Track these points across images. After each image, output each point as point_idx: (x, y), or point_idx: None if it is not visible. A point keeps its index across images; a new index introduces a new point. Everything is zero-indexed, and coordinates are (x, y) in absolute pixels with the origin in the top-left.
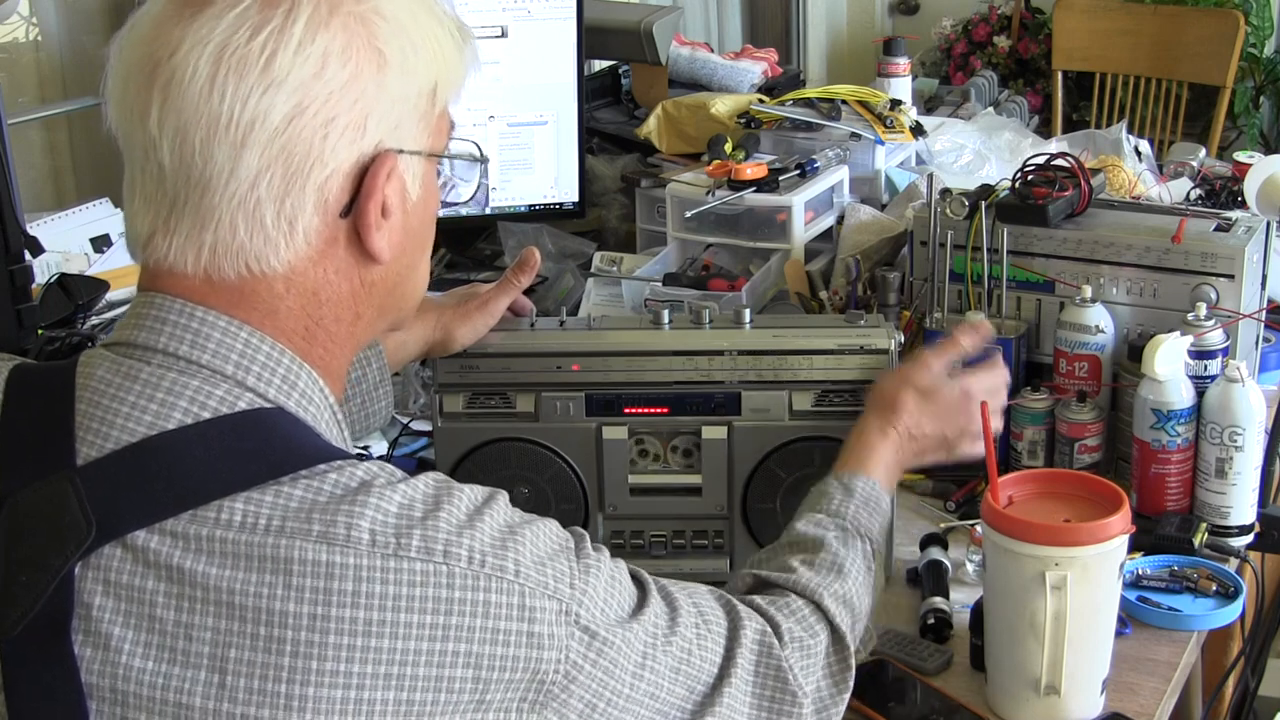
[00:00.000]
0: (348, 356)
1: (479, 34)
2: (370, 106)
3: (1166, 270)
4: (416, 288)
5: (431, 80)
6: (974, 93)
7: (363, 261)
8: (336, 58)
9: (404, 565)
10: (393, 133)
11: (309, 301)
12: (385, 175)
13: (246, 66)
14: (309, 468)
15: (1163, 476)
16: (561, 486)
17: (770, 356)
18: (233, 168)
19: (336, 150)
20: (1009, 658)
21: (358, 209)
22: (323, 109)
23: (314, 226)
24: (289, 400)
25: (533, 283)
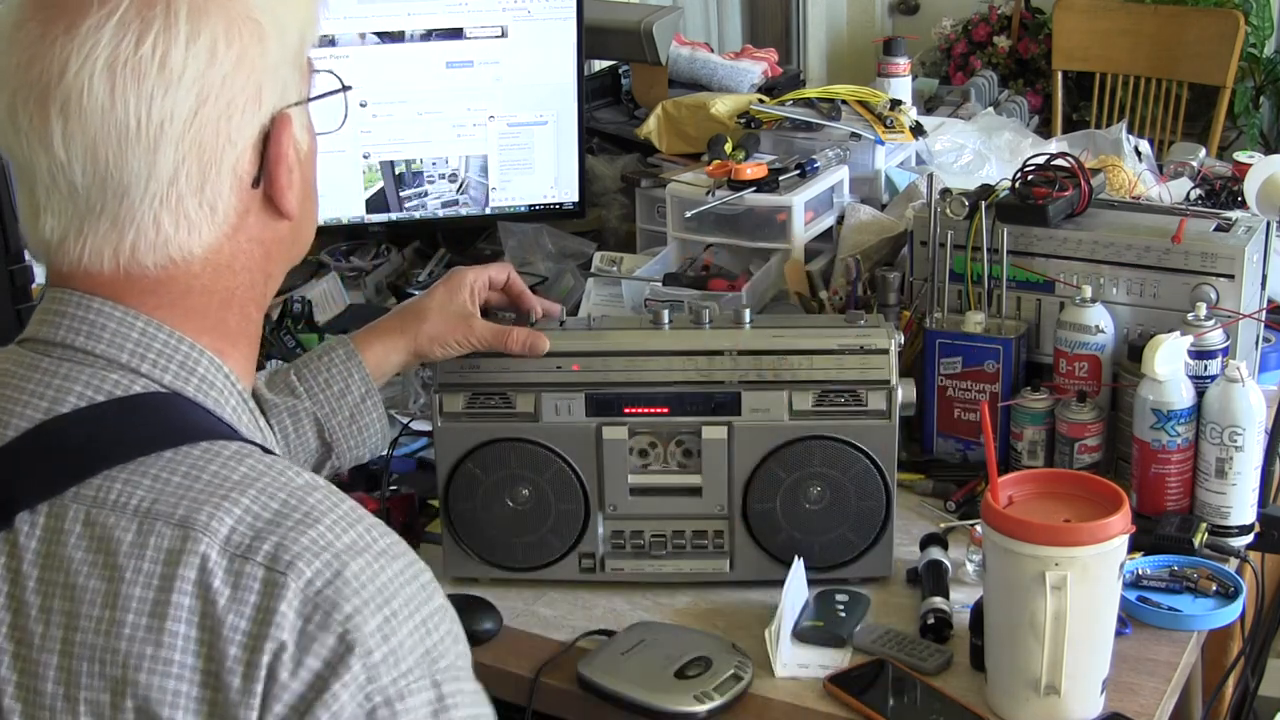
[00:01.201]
0: (261, 314)
1: (479, 34)
2: (261, 78)
3: (1166, 270)
4: (311, 229)
5: (300, 33)
6: (974, 93)
7: (271, 222)
8: (223, 41)
9: (244, 569)
10: (282, 94)
11: (223, 273)
12: (288, 137)
13: (142, 72)
14: (194, 441)
15: (1163, 476)
16: (561, 486)
17: (770, 356)
18: (150, 170)
19: (241, 128)
20: (1009, 658)
21: (268, 176)
22: (222, 94)
23: (231, 204)
24: (186, 385)
25: (533, 283)
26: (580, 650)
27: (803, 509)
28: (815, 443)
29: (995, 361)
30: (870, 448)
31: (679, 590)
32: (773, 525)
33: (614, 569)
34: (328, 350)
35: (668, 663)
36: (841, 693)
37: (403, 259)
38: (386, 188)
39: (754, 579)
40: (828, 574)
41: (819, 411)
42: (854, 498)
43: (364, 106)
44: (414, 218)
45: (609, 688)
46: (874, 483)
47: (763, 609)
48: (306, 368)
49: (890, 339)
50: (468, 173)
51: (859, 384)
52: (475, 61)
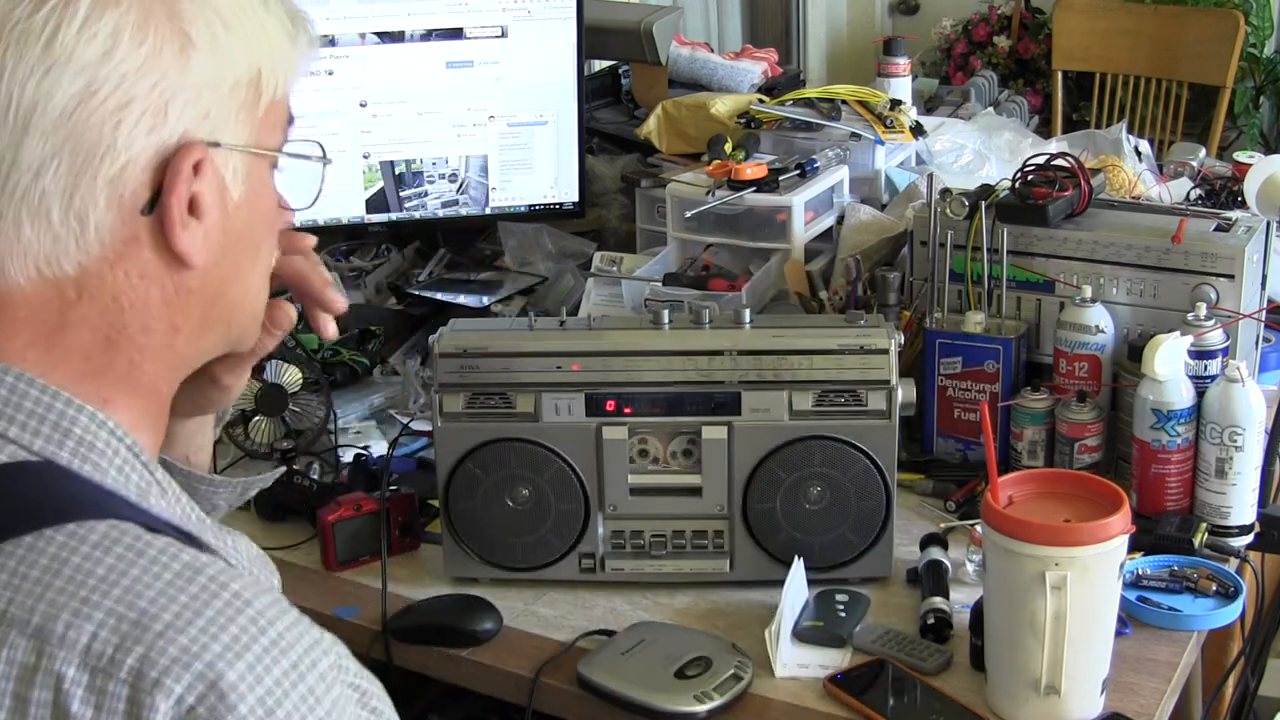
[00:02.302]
0: (169, 374)
1: (479, 34)
2: (172, 92)
3: (1166, 270)
4: (248, 297)
5: (252, 66)
6: (974, 93)
7: (172, 265)
8: (130, 36)
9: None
10: (201, 122)
11: (108, 308)
12: (191, 168)
13: (26, 44)
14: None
15: (1163, 476)
16: (561, 486)
17: (770, 356)
18: (14, 157)
19: (132, 139)
20: (1009, 658)
21: (160, 205)
22: (114, 93)
23: (108, 224)
24: (60, 450)
25: (532, 283)
26: (580, 650)
27: (803, 509)
28: (815, 443)
29: (995, 361)
30: (870, 448)
31: (679, 590)
32: (773, 525)
33: (614, 569)
34: None
35: (668, 663)
36: (841, 693)
37: (403, 259)
38: (386, 188)
39: (754, 579)
40: (828, 574)
41: (819, 411)
42: (854, 498)
43: (364, 106)
44: (414, 218)
45: (609, 688)
46: (874, 483)
47: (763, 609)
48: None
49: (890, 339)
50: (468, 173)
51: (859, 384)
52: (475, 61)
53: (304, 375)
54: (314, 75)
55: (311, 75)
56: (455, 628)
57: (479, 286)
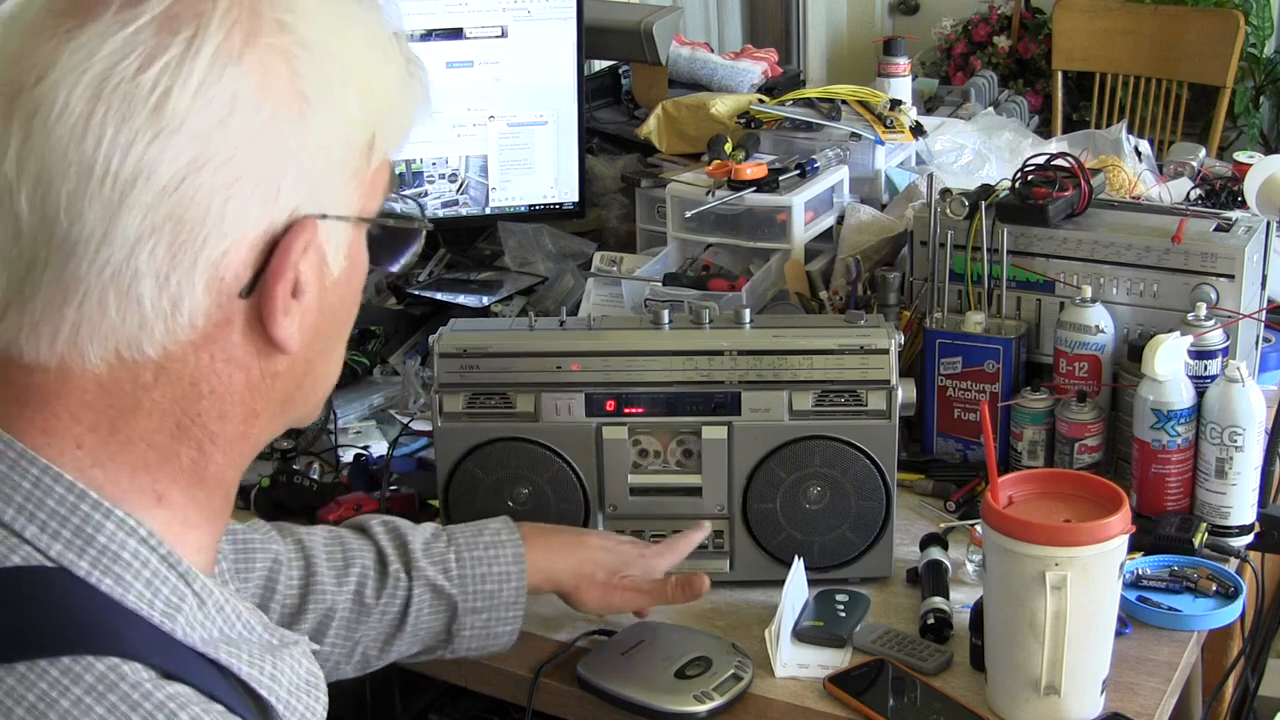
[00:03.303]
0: (238, 463)
1: (479, 34)
2: (286, 164)
3: (1166, 270)
4: (328, 375)
5: (368, 131)
6: (974, 93)
7: (264, 350)
8: (247, 101)
9: None
10: (313, 196)
11: (184, 394)
12: (301, 249)
13: (132, 106)
14: (55, 656)
15: (1163, 476)
16: (561, 486)
17: (770, 356)
18: (105, 231)
19: (241, 218)
20: (1009, 658)
21: (262, 290)
22: (225, 166)
23: (203, 308)
24: (80, 559)
25: (532, 283)
26: (580, 650)
27: (803, 509)
28: (815, 443)
29: (995, 361)
30: (870, 448)
31: None
32: (773, 525)
33: None
34: (496, 543)
35: (668, 663)
36: (841, 693)
37: None
38: None
39: (754, 579)
40: (828, 574)
41: (819, 411)
42: (854, 498)
43: None
44: None
45: (609, 688)
46: (874, 483)
47: (763, 609)
48: (469, 551)
49: (890, 339)
50: (468, 173)
51: (859, 384)
52: (475, 61)
53: None
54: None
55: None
56: None
57: (479, 286)
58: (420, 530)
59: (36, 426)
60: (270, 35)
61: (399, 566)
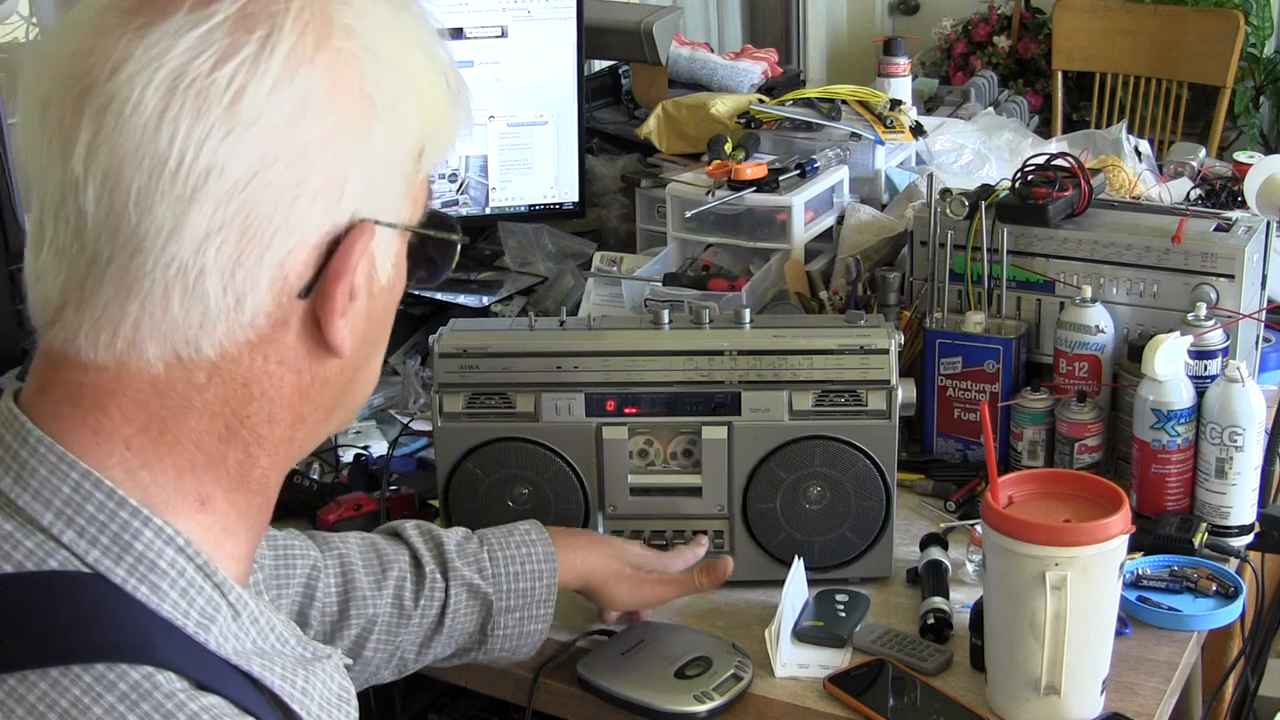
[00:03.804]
0: (282, 468)
1: (479, 34)
2: (351, 166)
3: (1166, 270)
4: (369, 383)
5: (420, 139)
6: (974, 93)
7: (317, 353)
8: (319, 102)
9: None
10: (373, 201)
11: (235, 395)
12: (360, 252)
13: (207, 102)
14: (89, 663)
15: (1163, 476)
16: (561, 486)
17: (770, 356)
18: (174, 226)
19: (307, 217)
20: (1009, 658)
21: (321, 291)
22: (294, 164)
23: (265, 308)
24: (117, 566)
25: (532, 283)
26: (580, 650)
27: (803, 509)
28: (815, 443)
29: (995, 361)
30: (870, 448)
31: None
32: (773, 525)
33: None
34: (527, 541)
35: (668, 663)
36: (841, 693)
37: None
38: None
39: (754, 579)
40: (828, 574)
41: (819, 411)
42: (854, 498)
43: None
44: None
45: (609, 688)
46: (874, 483)
47: (763, 609)
48: (501, 550)
49: (890, 339)
50: (467, 173)
51: (859, 384)
52: (475, 62)
53: None
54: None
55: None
56: None
57: (479, 286)
58: (453, 533)
59: (88, 427)
60: (341, 39)
61: (434, 568)
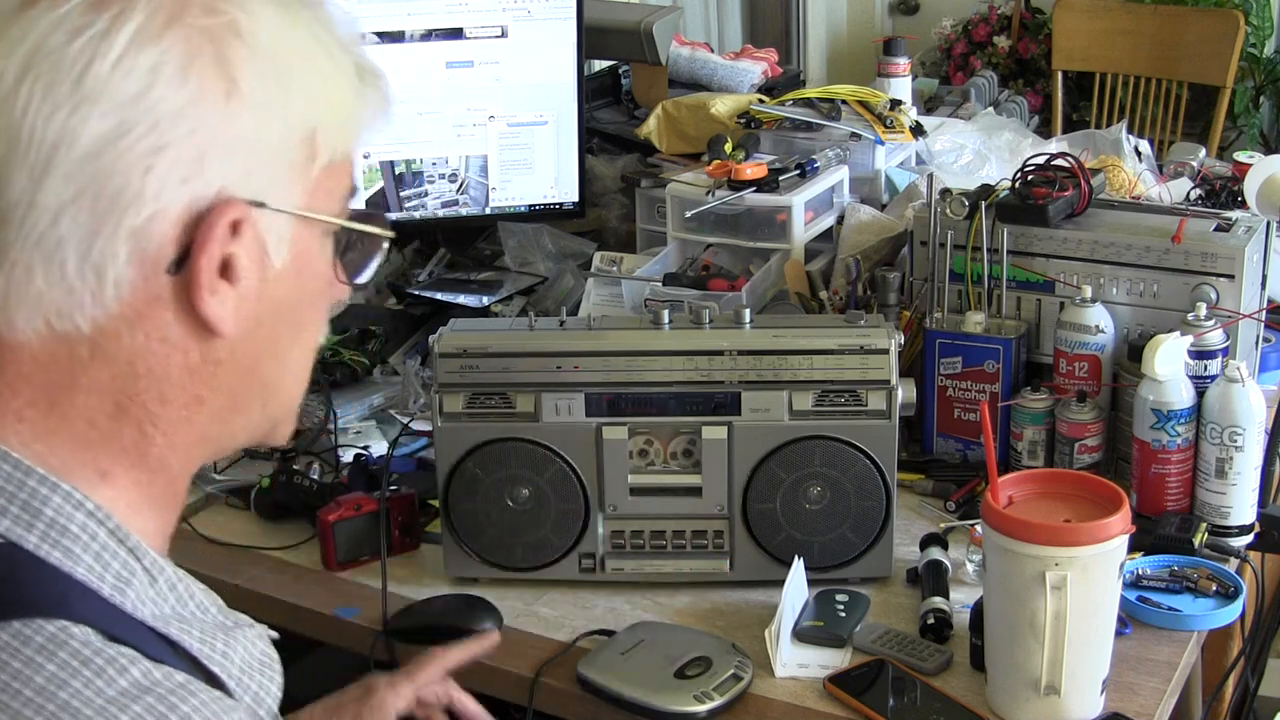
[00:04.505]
0: (186, 451)
1: (479, 34)
2: (211, 141)
3: (1166, 270)
4: (286, 379)
5: (308, 124)
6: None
7: (198, 332)
8: (170, 76)
9: None
10: (243, 179)
11: (121, 372)
12: (227, 228)
13: (57, 76)
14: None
15: (1163, 476)
16: (561, 486)
17: (770, 356)
18: (32, 198)
19: (162, 188)
20: (1009, 658)
21: (188, 265)
22: (147, 136)
23: (129, 279)
24: (28, 534)
25: (532, 283)
26: (580, 650)
27: (803, 509)
28: (815, 443)
29: (995, 361)
30: (870, 448)
31: (679, 590)
32: (773, 525)
33: (614, 569)
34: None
35: (668, 663)
36: (841, 693)
37: (403, 259)
38: (386, 188)
39: (754, 579)
40: (828, 574)
41: (819, 411)
42: (854, 498)
43: None
44: (414, 218)
45: (609, 688)
46: (874, 483)
47: (763, 609)
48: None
49: (890, 339)
50: (468, 173)
51: (859, 384)
52: (475, 61)
53: None
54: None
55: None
56: (455, 628)
57: (479, 286)
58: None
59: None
60: (198, 18)
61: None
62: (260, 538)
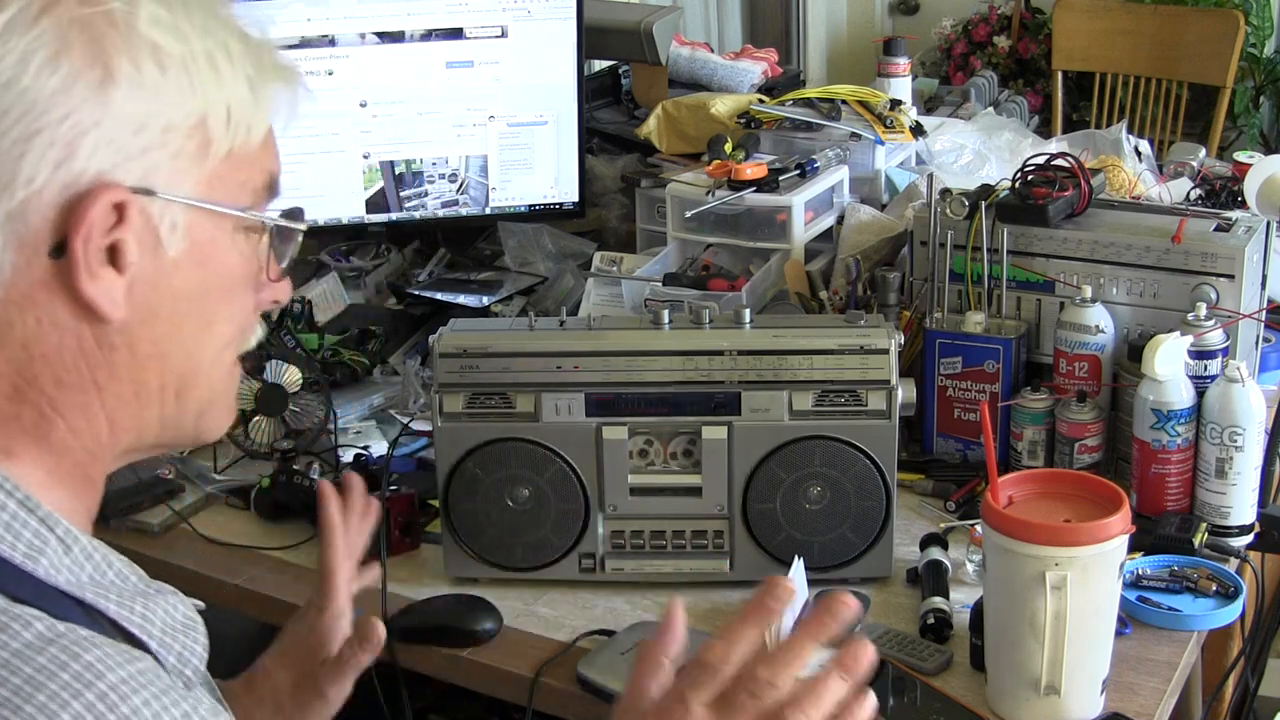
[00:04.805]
0: (95, 437)
1: (479, 34)
2: (85, 127)
3: (1166, 270)
4: (201, 371)
5: (195, 112)
6: (974, 93)
7: (88, 316)
8: (39, 64)
9: None
10: (122, 165)
11: (16, 355)
12: (107, 213)
13: None
14: None
15: (1163, 476)
16: (561, 486)
17: (770, 356)
18: None
19: (35, 172)
20: (1009, 658)
21: (67, 248)
22: (20, 121)
23: (9, 263)
24: None
25: (532, 283)
26: (580, 650)
27: (803, 509)
28: (815, 443)
29: (995, 361)
30: (870, 448)
31: (679, 590)
32: (773, 525)
33: (614, 569)
34: None
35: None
36: None
37: (403, 259)
38: (386, 187)
39: (754, 579)
40: (828, 574)
41: (819, 411)
42: (854, 498)
43: (364, 106)
44: (414, 218)
45: (609, 688)
46: (874, 483)
47: None
48: None
49: (890, 339)
50: (468, 173)
51: (859, 384)
52: (475, 61)
53: (304, 375)
54: (314, 75)
55: (311, 75)
56: (455, 628)
57: (479, 286)
58: None
59: None
60: (71, 9)
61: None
62: (260, 538)
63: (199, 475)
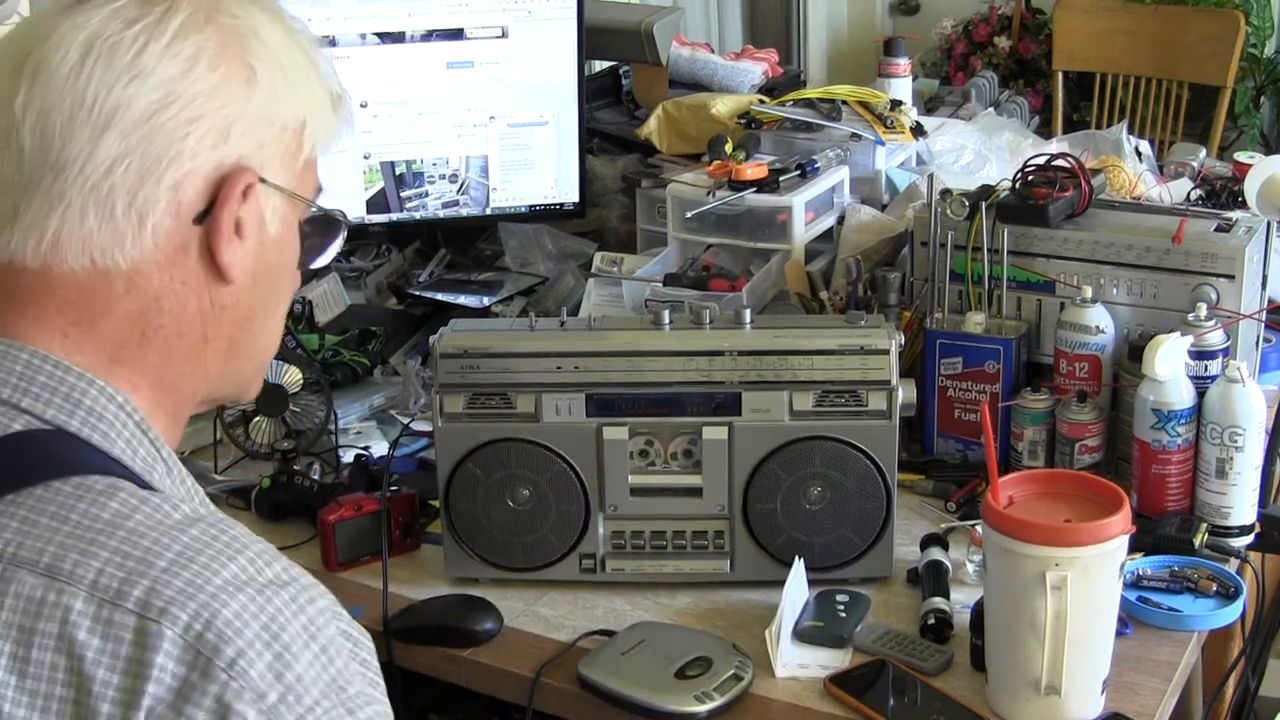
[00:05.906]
0: (194, 381)
1: (479, 34)
2: (235, 116)
3: (1167, 270)
4: (266, 337)
5: (301, 115)
6: (974, 93)
7: (213, 278)
8: (207, 61)
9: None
10: (256, 152)
11: (149, 306)
12: (241, 190)
13: (116, 54)
14: (65, 477)
15: (1163, 477)
16: (561, 486)
17: (771, 357)
18: (90, 151)
19: (197, 151)
20: (1009, 658)
21: (212, 216)
22: (188, 107)
23: (164, 227)
24: (71, 419)
25: (533, 283)
26: (580, 650)
27: (803, 509)
28: (816, 443)
29: (995, 362)
30: (871, 448)
31: (679, 590)
32: (773, 525)
33: (614, 569)
34: None
35: (668, 663)
36: (842, 693)
37: (403, 259)
38: (387, 188)
39: (754, 579)
40: (828, 574)
41: (819, 412)
42: (854, 498)
43: (364, 107)
44: (414, 218)
45: (609, 688)
46: (874, 483)
47: (763, 609)
48: None
49: (890, 339)
50: (468, 173)
51: (859, 384)
52: (476, 62)
53: (304, 376)
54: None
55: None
56: (455, 628)
57: (479, 287)
58: None
59: (28, 317)
60: (228, 19)
61: None
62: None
63: (200, 475)
